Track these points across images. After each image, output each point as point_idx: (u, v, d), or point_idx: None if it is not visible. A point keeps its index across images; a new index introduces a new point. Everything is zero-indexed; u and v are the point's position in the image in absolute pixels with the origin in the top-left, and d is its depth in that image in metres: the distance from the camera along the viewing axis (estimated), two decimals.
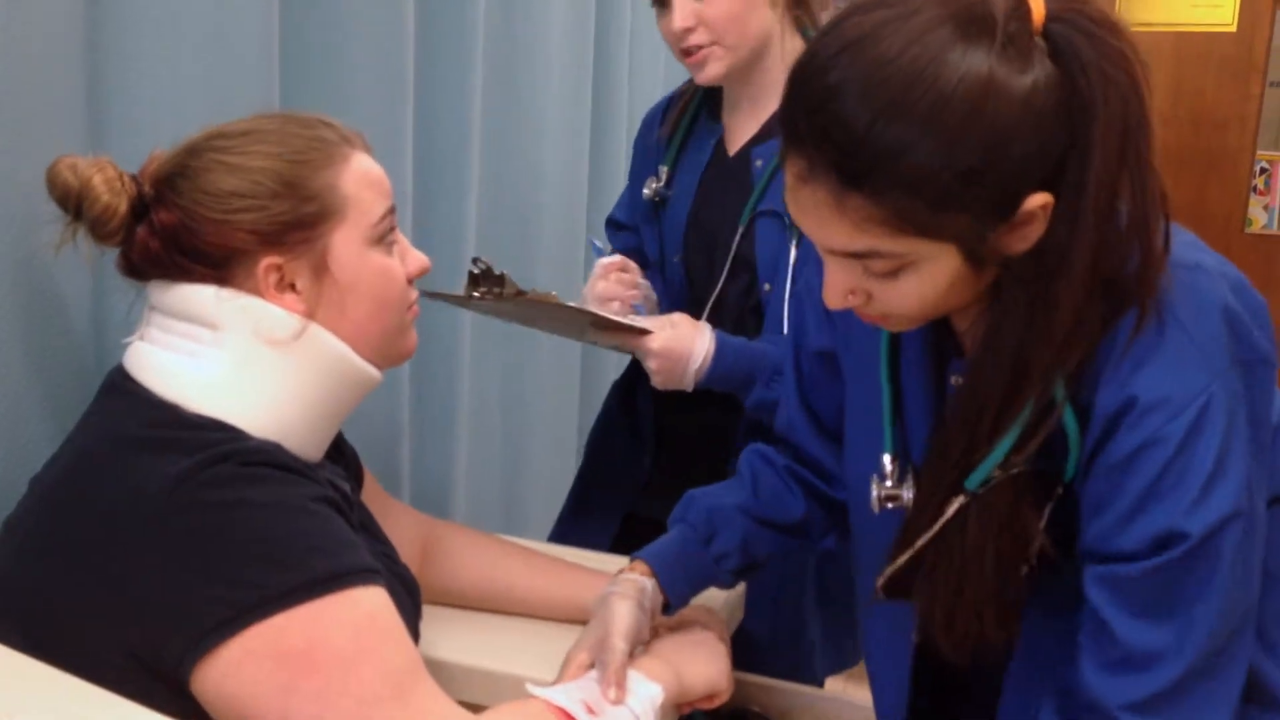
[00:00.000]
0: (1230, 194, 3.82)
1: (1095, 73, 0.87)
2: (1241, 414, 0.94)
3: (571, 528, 1.83)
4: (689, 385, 1.51)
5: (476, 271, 1.43)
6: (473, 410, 1.96)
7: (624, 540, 1.70)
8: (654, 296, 1.66)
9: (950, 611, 1.04)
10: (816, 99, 0.89)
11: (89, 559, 0.92)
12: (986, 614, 1.03)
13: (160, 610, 0.89)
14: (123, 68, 1.18)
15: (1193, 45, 3.85)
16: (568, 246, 2.23)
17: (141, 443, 0.95)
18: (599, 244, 1.71)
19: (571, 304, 1.47)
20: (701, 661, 1.22)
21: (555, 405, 2.31)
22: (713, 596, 1.38)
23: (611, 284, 1.60)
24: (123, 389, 1.01)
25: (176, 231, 1.01)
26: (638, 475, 1.75)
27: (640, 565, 1.24)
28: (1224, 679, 0.97)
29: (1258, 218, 4.02)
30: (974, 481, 1.00)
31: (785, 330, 1.53)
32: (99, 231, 1.01)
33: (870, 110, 0.86)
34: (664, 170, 1.69)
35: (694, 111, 1.69)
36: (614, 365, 2.56)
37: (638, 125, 2.39)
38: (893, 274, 0.94)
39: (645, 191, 1.70)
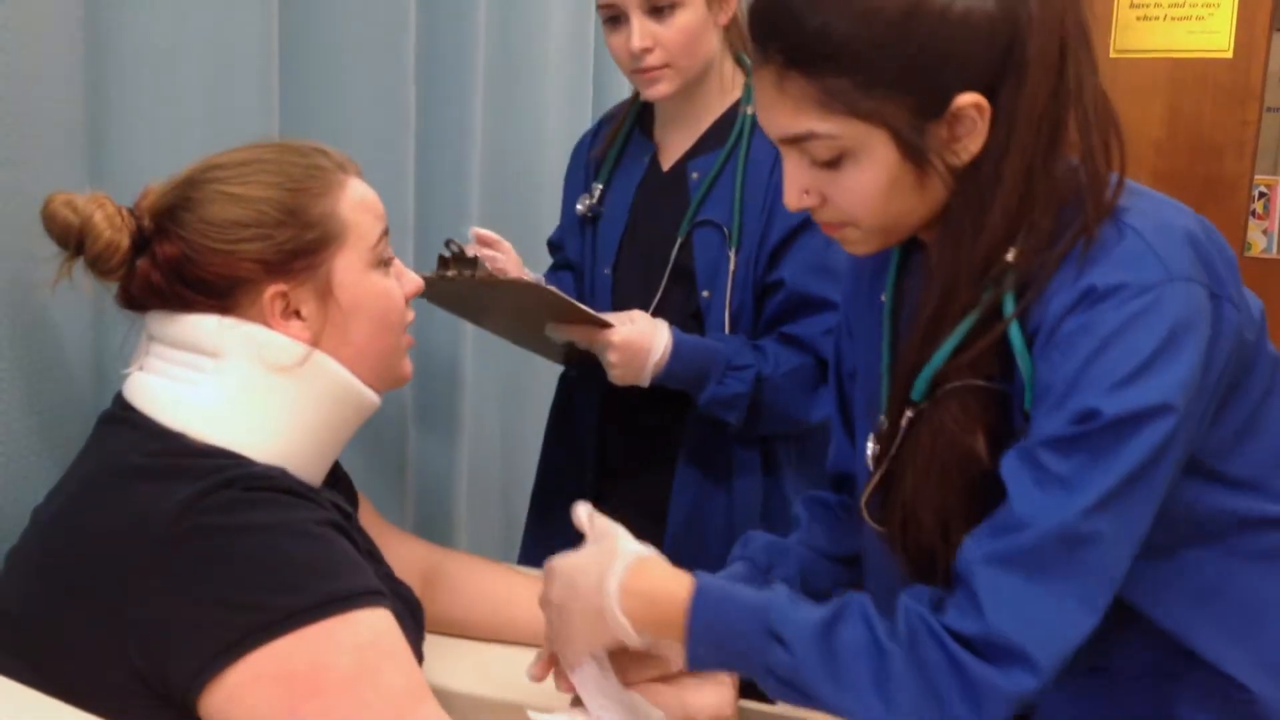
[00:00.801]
0: (1229, 219, 3.82)
1: None
2: (1198, 327, 0.93)
3: (534, 550, 1.82)
4: (646, 380, 1.52)
5: (448, 254, 1.44)
6: (473, 436, 1.96)
7: None
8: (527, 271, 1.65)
9: (903, 520, 1.05)
10: None
11: (94, 587, 0.91)
12: (926, 519, 1.02)
13: (166, 635, 0.89)
14: (122, 101, 1.19)
15: (1189, 72, 3.87)
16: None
17: (145, 471, 0.95)
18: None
19: (549, 286, 1.47)
20: (707, 689, 1.21)
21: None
22: None
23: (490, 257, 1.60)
24: (123, 419, 1.01)
25: (180, 263, 1.01)
26: (584, 489, 1.74)
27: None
28: (1088, 566, 0.93)
29: (1257, 242, 4.03)
30: (917, 391, 1.02)
31: (726, 332, 1.56)
32: (101, 267, 1.01)
33: None
34: (597, 188, 1.71)
35: (627, 130, 1.71)
36: None
37: None
38: (834, 164, 0.98)
39: (578, 208, 1.73)
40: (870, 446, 1.12)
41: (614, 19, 1.55)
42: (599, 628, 1.05)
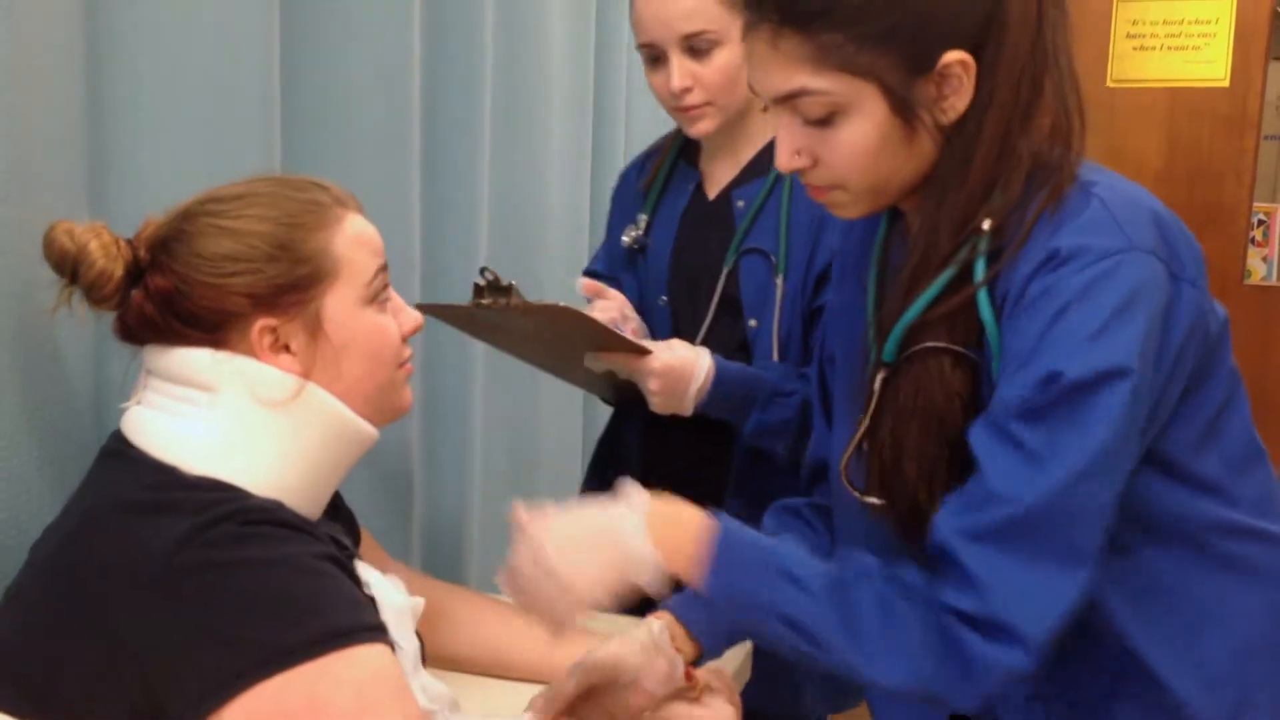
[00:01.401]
0: (1228, 246, 3.83)
1: None
2: (1156, 300, 0.95)
3: None
4: (688, 408, 1.50)
5: (482, 283, 1.42)
6: (483, 470, 1.95)
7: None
8: (636, 318, 1.65)
9: (884, 486, 1.06)
10: None
11: (91, 622, 0.91)
12: (917, 478, 1.03)
13: (163, 671, 0.89)
14: (124, 136, 1.20)
15: (1187, 101, 3.89)
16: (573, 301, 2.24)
17: (141, 506, 0.94)
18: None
19: (580, 310, 1.45)
20: (715, 706, 1.21)
21: (559, 471, 2.30)
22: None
23: (602, 309, 1.59)
24: (120, 453, 1.01)
25: (171, 296, 1.01)
26: None
27: (663, 614, 1.22)
28: (1069, 539, 0.95)
29: (1257, 269, 4.04)
30: (888, 351, 1.05)
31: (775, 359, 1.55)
32: (94, 296, 1.02)
33: None
34: (643, 219, 1.71)
35: (672, 160, 1.72)
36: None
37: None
38: (826, 122, 1.01)
39: (624, 239, 1.72)
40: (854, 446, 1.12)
41: (654, 59, 1.56)
42: (610, 562, 1.03)
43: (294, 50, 1.41)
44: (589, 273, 1.84)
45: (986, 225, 1.00)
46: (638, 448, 1.72)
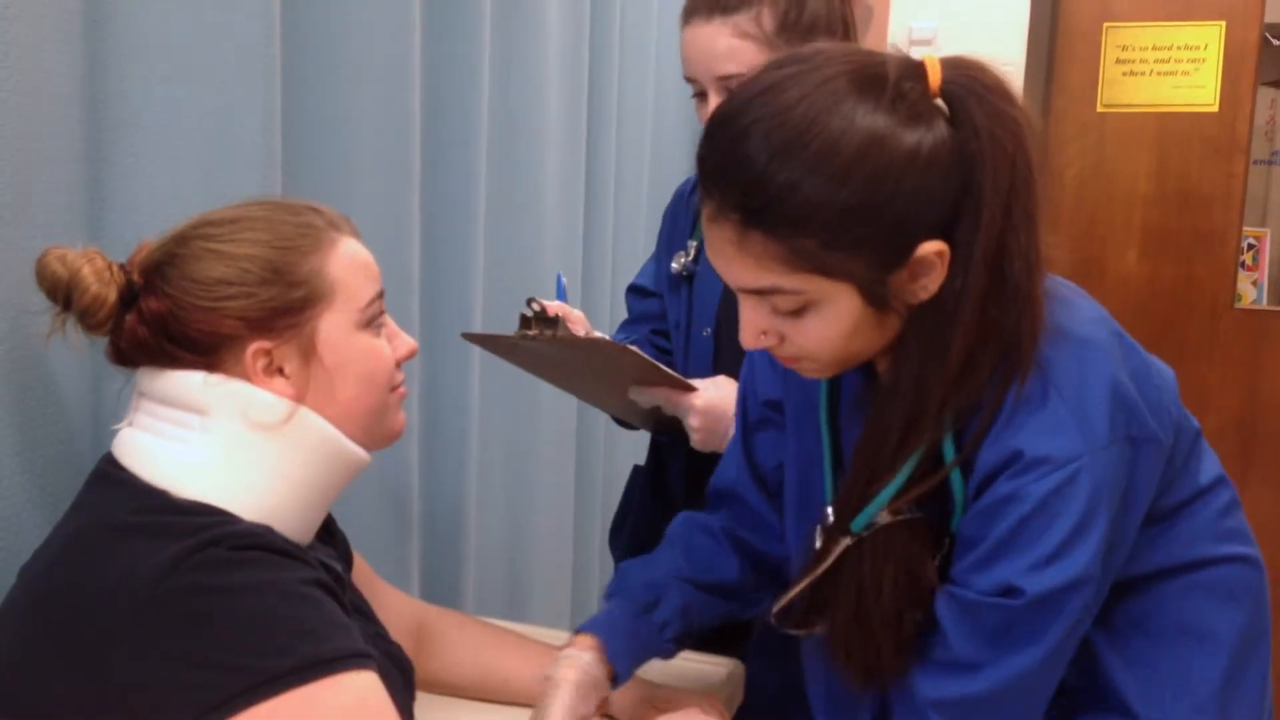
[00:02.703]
0: (1218, 270, 3.85)
1: (985, 134, 0.95)
2: (1115, 490, 0.98)
3: None
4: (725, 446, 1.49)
5: (530, 314, 1.42)
6: (480, 500, 1.95)
7: None
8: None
9: (850, 644, 1.08)
10: (726, 141, 0.97)
11: (78, 646, 0.90)
12: (885, 646, 1.06)
13: (149, 696, 0.88)
14: (121, 161, 1.20)
15: (1176, 126, 3.90)
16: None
17: (130, 529, 0.94)
18: (564, 285, 1.72)
19: (629, 345, 1.45)
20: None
21: (552, 494, 2.30)
22: (712, 678, 1.36)
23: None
24: (110, 476, 1.01)
25: (165, 319, 1.01)
26: None
27: (585, 639, 1.23)
28: (1032, 707, 1.03)
29: (1246, 293, 4.05)
30: (858, 524, 1.06)
31: None
32: (88, 321, 1.02)
33: (768, 151, 0.94)
34: (693, 245, 1.70)
35: None
36: (601, 455, 2.56)
37: (634, 201, 2.41)
38: (798, 313, 0.99)
39: (674, 265, 1.71)
40: (820, 542, 1.13)
41: (699, 93, 1.56)
42: None
43: (294, 74, 1.42)
44: (634, 287, 1.84)
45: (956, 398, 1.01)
46: (683, 478, 1.71)
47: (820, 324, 1.00)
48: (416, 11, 1.60)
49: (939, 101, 0.96)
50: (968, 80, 0.97)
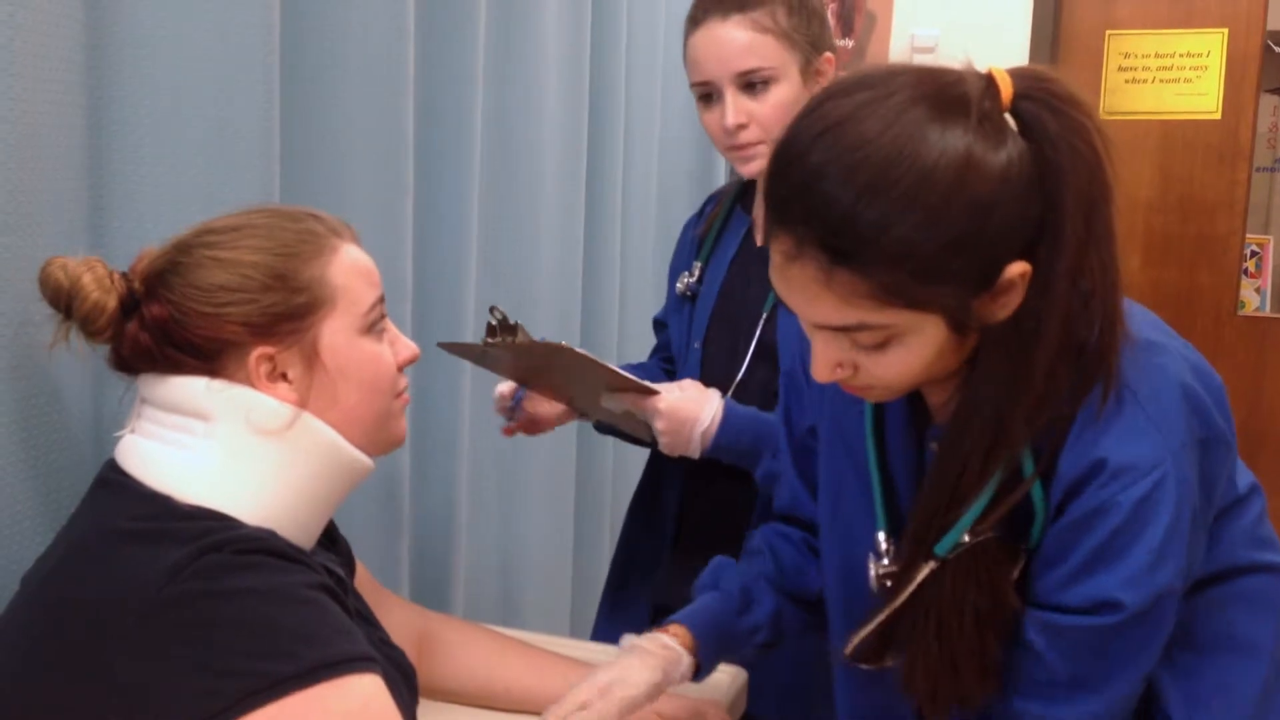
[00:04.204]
0: (1222, 277, 3.85)
1: (1063, 145, 0.91)
2: (1194, 494, 0.97)
3: (608, 625, 1.81)
4: (695, 451, 1.50)
5: (494, 321, 1.43)
6: (471, 504, 1.95)
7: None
8: None
9: (931, 673, 1.04)
10: (800, 180, 0.92)
11: (81, 652, 0.90)
12: (967, 673, 1.03)
13: (153, 701, 0.88)
14: (123, 169, 1.20)
15: (1179, 133, 3.91)
16: (566, 336, 2.24)
17: (133, 535, 0.94)
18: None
19: (581, 351, 1.46)
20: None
21: (551, 499, 2.30)
22: (715, 685, 1.36)
23: None
24: (113, 482, 1.01)
25: (167, 325, 1.02)
26: (660, 566, 1.74)
27: (680, 631, 1.22)
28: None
29: (1250, 300, 4.05)
30: (943, 547, 1.02)
31: None
32: (89, 328, 1.02)
33: (854, 189, 0.89)
34: (697, 266, 1.72)
35: (729, 207, 1.72)
36: (609, 457, 2.55)
37: (633, 216, 2.42)
38: (881, 346, 0.96)
39: (679, 286, 1.73)
40: (873, 570, 1.11)
41: (707, 96, 1.56)
42: None
43: (291, 83, 1.42)
44: (658, 321, 1.87)
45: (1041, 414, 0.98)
46: (678, 492, 1.71)
47: (904, 355, 0.96)
48: (411, 17, 1.60)
49: (1007, 116, 0.93)
50: (1041, 93, 0.94)
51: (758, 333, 1.61)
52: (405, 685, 1.12)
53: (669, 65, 2.57)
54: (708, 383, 1.60)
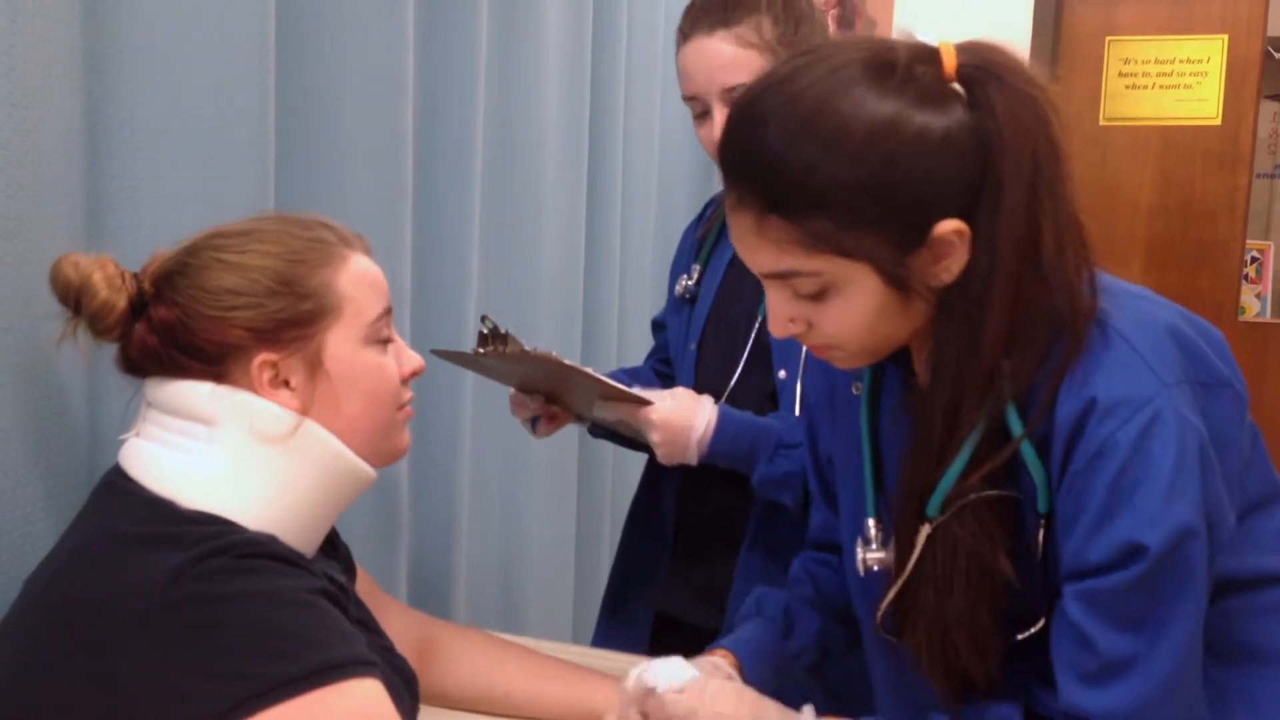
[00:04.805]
0: (1222, 283, 3.85)
1: (1003, 113, 0.96)
2: (1199, 433, 0.96)
3: (609, 631, 1.82)
4: (693, 458, 1.50)
5: (485, 330, 1.45)
6: (472, 508, 1.95)
7: (660, 640, 1.70)
8: None
9: (930, 640, 1.06)
10: (744, 131, 0.99)
11: (83, 656, 0.90)
12: (960, 640, 1.04)
13: (154, 705, 0.88)
14: (120, 175, 1.20)
15: (1179, 139, 3.91)
16: (566, 346, 2.24)
17: (135, 539, 0.94)
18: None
19: (570, 362, 1.47)
20: None
21: (553, 503, 2.30)
22: None
23: None
24: (117, 486, 1.01)
25: (174, 328, 1.02)
26: (659, 573, 1.74)
27: (726, 655, 1.22)
28: (1196, 697, 0.99)
29: (1250, 306, 4.05)
30: (933, 507, 1.03)
31: (797, 414, 1.53)
32: (97, 327, 1.02)
33: (784, 137, 0.96)
34: (696, 269, 1.72)
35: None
36: (610, 462, 2.55)
37: (632, 219, 2.42)
38: (820, 296, 1.00)
39: (677, 289, 1.74)
40: (860, 554, 1.13)
41: (701, 113, 1.56)
42: None
43: (287, 87, 1.42)
44: (656, 322, 1.87)
45: (1005, 368, 0.99)
46: (674, 498, 1.72)
47: (843, 307, 1.00)
48: (410, 21, 1.61)
49: (956, 86, 0.97)
50: (983, 62, 0.98)
51: (753, 336, 1.61)
52: (407, 691, 1.12)
53: (668, 67, 2.57)
54: (702, 385, 1.60)
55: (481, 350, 1.45)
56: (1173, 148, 3.92)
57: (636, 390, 1.50)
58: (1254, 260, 4.12)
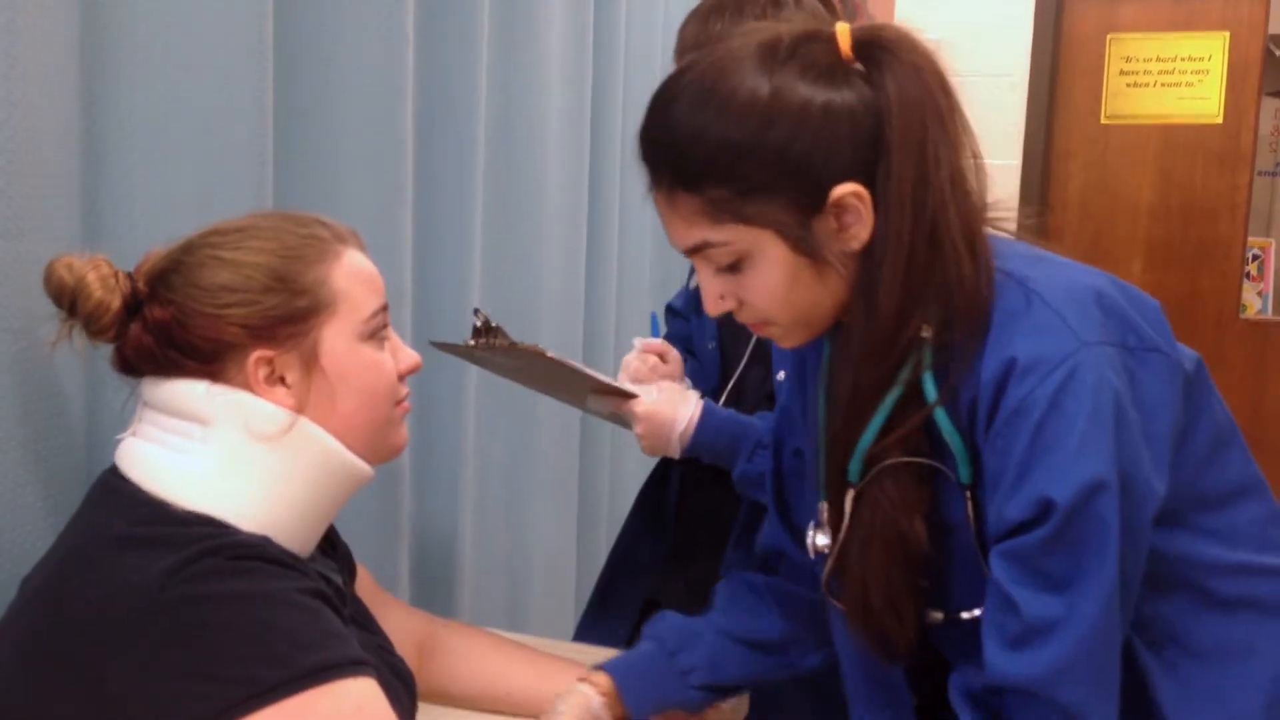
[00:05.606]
0: (1223, 281, 3.85)
1: (890, 84, 1.00)
2: (1118, 391, 0.97)
3: (595, 619, 1.82)
4: (675, 452, 1.52)
5: (478, 324, 1.47)
6: (475, 505, 1.95)
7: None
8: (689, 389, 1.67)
9: (852, 601, 1.09)
10: (652, 112, 1.06)
11: (75, 657, 0.90)
12: (876, 602, 1.07)
13: (146, 707, 0.88)
14: (117, 175, 1.20)
15: (1181, 137, 3.91)
16: (567, 344, 2.25)
17: (129, 540, 0.94)
18: (658, 321, 1.75)
19: (556, 356, 1.48)
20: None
21: (555, 504, 2.30)
22: None
23: (640, 364, 1.61)
24: (112, 486, 1.01)
25: (169, 326, 1.02)
26: (657, 561, 1.75)
27: (601, 677, 1.25)
28: (1110, 660, 0.99)
29: (1252, 303, 4.05)
30: (853, 471, 1.07)
31: None
32: (92, 327, 1.02)
33: (682, 113, 1.03)
34: None
35: None
36: (606, 461, 2.55)
37: (631, 221, 2.41)
38: (735, 268, 1.04)
39: (692, 285, 1.76)
40: (811, 536, 1.15)
41: None
42: None
43: (286, 85, 1.42)
44: (670, 308, 1.89)
45: (927, 334, 1.02)
46: (678, 490, 1.72)
47: (757, 277, 1.04)
48: (410, 20, 1.60)
49: (857, 65, 1.02)
50: (874, 39, 1.03)
51: (755, 335, 1.61)
52: (404, 690, 1.12)
53: (668, 66, 2.56)
54: (728, 381, 1.61)
55: (473, 342, 1.47)
56: (1174, 146, 3.92)
57: (624, 384, 1.51)
58: (1255, 258, 4.12)
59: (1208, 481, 1.06)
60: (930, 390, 1.02)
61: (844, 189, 1.00)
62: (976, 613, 1.04)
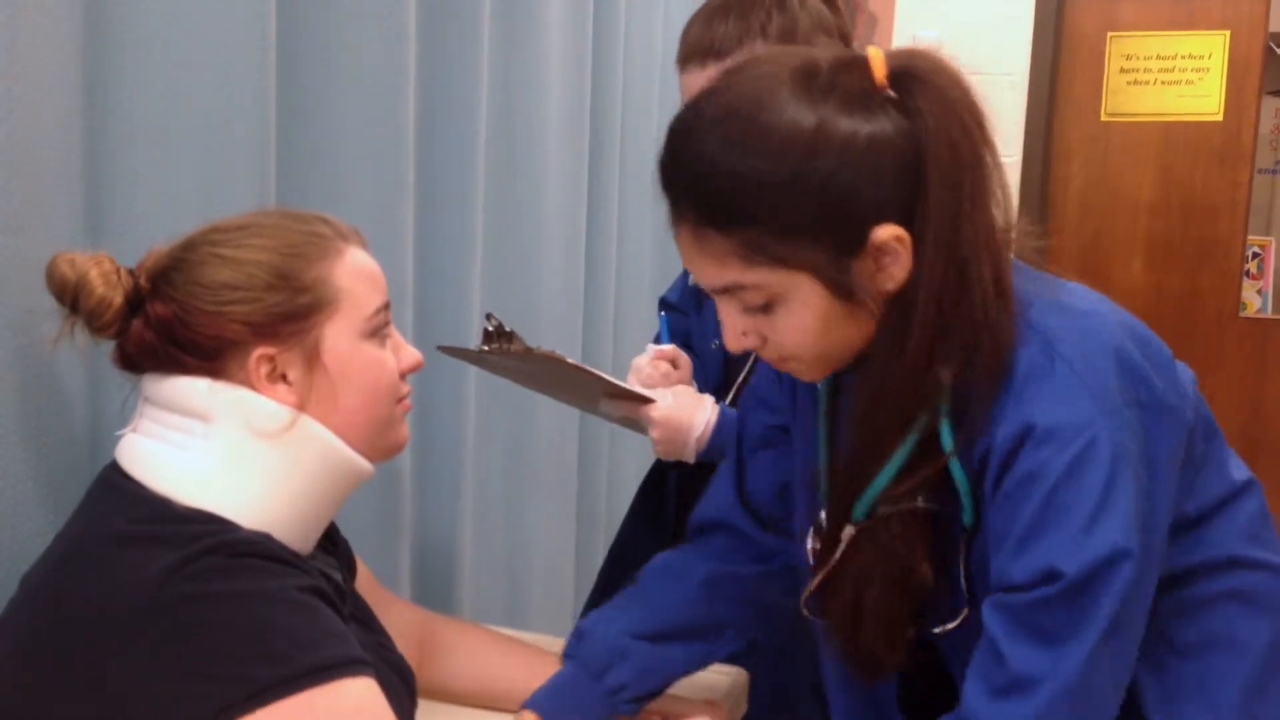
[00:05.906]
0: (1223, 279, 3.85)
1: (926, 118, 0.96)
2: (1133, 455, 0.96)
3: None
4: (690, 456, 1.51)
5: (490, 328, 1.45)
6: (476, 503, 1.95)
7: None
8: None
9: (841, 626, 1.08)
10: (674, 145, 1.00)
11: (74, 655, 0.90)
12: (871, 630, 1.06)
13: (146, 706, 0.88)
14: (119, 171, 1.20)
15: (1181, 135, 3.91)
16: (567, 343, 2.25)
17: (129, 538, 0.94)
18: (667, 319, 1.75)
19: (573, 361, 1.47)
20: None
21: (555, 503, 2.30)
22: (713, 686, 1.36)
23: (652, 370, 1.61)
24: (113, 483, 1.01)
25: (171, 323, 1.02)
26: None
27: (528, 716, 1.23)
28: (1104, 707, 0.99)
29: (1251, 301, 4.05)
30: (859, 511, 1.05)
31: None
32: (94, 324, 1.02)
33: (711, 148, 0.97)
34: None
35: None
36: (604, 460, 2.55)
37: (631, 219, 2.41)
38: (767, 309, 1.00)
39: (690, 280, 1.74)
40: (810, 544, 1.14)
41: None
42: None
43: (288, 84, 1.42)
44: (664, 301, 1.88)
45: (945, 379, 0.99)
46: (676, 489, 1.72)
47: (790, 318, 1.00)
48: (412, 19, 1.60)
49: (890, 93, 0.97)
50: (909, 68, 0.98)
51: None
52: (404, 688, 1.12)
53: (668, 66, 2.56)
54: (732, 381, 1.61)
55: (486, 347, 1.45)
56: (1174, 144, 3.92)
57: (639, 388, 1.51)
58: (1255, 256, 4.11)
59: (1188, 509, 1.07)
60: (947, 440, 1.00)
61: (886, 231, 0.96)
62: (949, 627, 1.06)
